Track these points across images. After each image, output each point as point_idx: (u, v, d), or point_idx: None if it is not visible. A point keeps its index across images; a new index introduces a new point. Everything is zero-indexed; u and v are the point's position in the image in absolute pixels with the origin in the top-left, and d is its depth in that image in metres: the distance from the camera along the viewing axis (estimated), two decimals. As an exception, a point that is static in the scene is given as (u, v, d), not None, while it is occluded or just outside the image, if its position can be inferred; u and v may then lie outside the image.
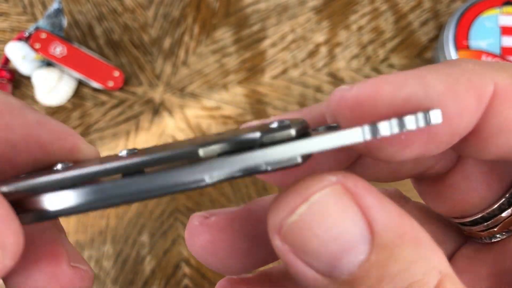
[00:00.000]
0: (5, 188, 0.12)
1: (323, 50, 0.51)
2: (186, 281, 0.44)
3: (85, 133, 0.49)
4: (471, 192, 0.16)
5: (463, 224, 0.17)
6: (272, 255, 0.16)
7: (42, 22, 0.50)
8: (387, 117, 0.11)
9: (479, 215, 0.16)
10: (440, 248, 0.11)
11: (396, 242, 0.10)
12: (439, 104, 0.12)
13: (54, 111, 0.50)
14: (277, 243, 0.11)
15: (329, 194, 0.11)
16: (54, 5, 0.50)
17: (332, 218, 0.11)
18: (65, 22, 0.51)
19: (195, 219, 0.16)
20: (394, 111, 0.12)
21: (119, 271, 0.45)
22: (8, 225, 0.11)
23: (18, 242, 0.11)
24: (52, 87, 0.49)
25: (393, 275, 0.10)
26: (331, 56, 0.51)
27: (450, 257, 0.18)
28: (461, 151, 0.14)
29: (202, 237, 0.16)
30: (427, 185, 0.17)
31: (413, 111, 0.11)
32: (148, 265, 0.45)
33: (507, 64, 0.13)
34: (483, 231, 0.16)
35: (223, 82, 0.51)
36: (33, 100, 0.51)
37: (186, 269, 0.45)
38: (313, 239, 0.11)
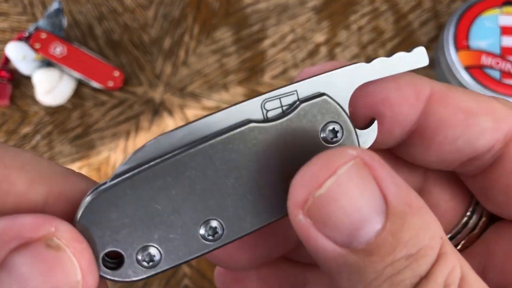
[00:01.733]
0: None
1: (323, 50, 0.51)
2: (186, 281, 0.44)
3: (85, 133, 0.49)
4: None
5: None
6: (277, 248, 0.16)
7: (42, 22, 0.50)
8: None
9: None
10: (432, 213, 0.12)
11: (406, 211, 0.11)
12: (383, 91, 0.14)
13: (54, 111, 0.50)
14: (299, 218, 0.12)
15: (353, 167, 0.12)
16: (54, 5, 0.50)
17: (356, 190, 0.11)
18: (65, 22, 0.51)
19: None
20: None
21: (119, 271, 0.45)
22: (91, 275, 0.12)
23: None
24: (52, 87, 0.49)
25: (405, 242, 0.11)
26: (331, 56, 0.51)
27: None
28: (411, 156, 0.16)
29: None
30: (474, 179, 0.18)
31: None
32: (148, 265, 0.45)
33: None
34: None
35: (223, 82, 0.51)
36: (33, 100, 0.51)
37: (186, 269, 0.45)
38: (338, 210, 0.11)
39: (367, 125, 0.15)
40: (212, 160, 0.13)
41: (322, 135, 0.14)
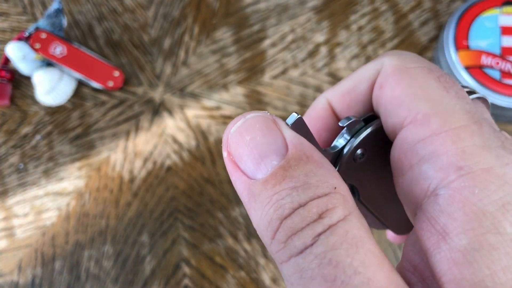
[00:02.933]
0: None
1: (323, 50, 0.51)
2: (186, 281, 0.44)
3: (85, 133, 0.49)
4: None
5: None
6: None
7: (42, 22, 0.50)
8: None
9: None
10: (339, 175, 0.15)
11: (302, 158, 0.14)
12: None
13: (54, 111, 0.50)
14: (224, 155, 0.16)
15: (259, 116, 0.15)
16: (54, 5, 0.50)
17: (258, 131, 0.15)
18: (65, 22, 0.51)
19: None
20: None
21: (119, 271, 0.45)
22: None
23: None
24: (52, 87, 0.49)
25: (293, 176, 0.14)
26: (331, 56, 0.51)
27: None
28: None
29: None
30: None
31: None
32: (148, 265, 0.45)
33: (405, 53, 0.18)
34: None
35: (223, 82, 0.51)
36: (33, 100, 0.51)
37: (186, 269, 0.45)
38: (243, 144, 0.15)
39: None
40: None
41: None
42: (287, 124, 0.15)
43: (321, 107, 0.20)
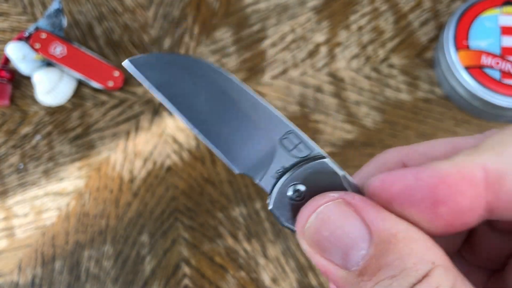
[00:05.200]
0: None
1: (323, 50, 0.51)
2: (186, 281, 0.44)
3: (85, 133, 0.49)
4: None
5: None
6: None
7: (42, 22, 0.50)
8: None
9: None
10: (438, 246, 0.14)
11: (391, 239, 0.14)
12: (432, 192, 0.14)
13: (54, 111, 0.50)
14: (304, 247, 0.15)
15: (331, 205, 0.15)
16: (54, 5, 0.50)
17: (334, 223, 0.14)
18: (65, 22, 0.51)
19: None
20: (400, 200, 0.15)
21: (119, 271, 0.45)
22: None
23: None
24: (52, 87, 0.49)
25: (388, 264, 0.13)
26: (331, 56, 0.51)
27: None
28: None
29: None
30: None
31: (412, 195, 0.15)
32: (148, 265, 0.45)
33: (498, 143, 0.15)
34: None
35: (223, 82, 0.50)
36: (33, 100, 0.51)
37: (186, 269, 0.45)
38: (323, 240, 0.14)
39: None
40: None
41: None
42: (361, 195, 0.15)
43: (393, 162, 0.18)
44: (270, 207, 0.17)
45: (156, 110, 0.50)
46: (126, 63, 0.17)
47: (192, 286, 0.44)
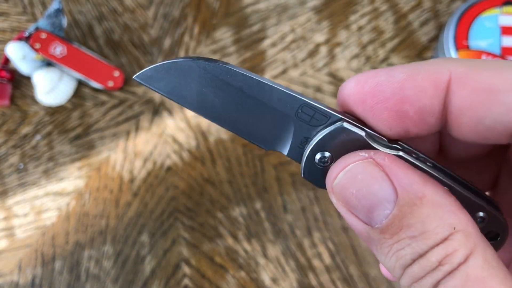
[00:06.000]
0: None
1: (323, 50, 0.51)
2: (186, 281, 0.44)
3: (85, 133, 0.49)
4: None
5: None
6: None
7: (42, 22, 0.50)
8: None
9: None
10: (464, 212, 0.14)
11: (416, 202, 0.14)
12: (400, 89, 0.16)
13: (54, 111, 0.50)
14: (333, 200, 0.16)
15: (359, 164, 0.15)
16: (54, 5, 0.50)
17: (361, 182, 0.15)
18: (65, 22, 0.51)
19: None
20: (372, 95, 0.16)
21: (119, 271, 0.45)
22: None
23: None
24: (52, 87, 0.49)
25: (410, 225, 0.14)
26: (331, 56, 0.51)
27: None
28: (457, 135, 0.17)
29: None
30: None
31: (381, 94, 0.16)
32: (148, 265, 0.45)
33: (465, 59, 0.16)
34: None
35: (223, 82, 0.50)
36: (33, 100, 0.51)
37: (186, 269, 0.45)
38: (350, 196, 0.15)
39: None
40: None
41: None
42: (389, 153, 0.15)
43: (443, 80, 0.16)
44: (302, 175, 0.18)
45: (156, 110, 0.50)
46: (135, 78, 0.18)
47: (192, 286, 0.44)
